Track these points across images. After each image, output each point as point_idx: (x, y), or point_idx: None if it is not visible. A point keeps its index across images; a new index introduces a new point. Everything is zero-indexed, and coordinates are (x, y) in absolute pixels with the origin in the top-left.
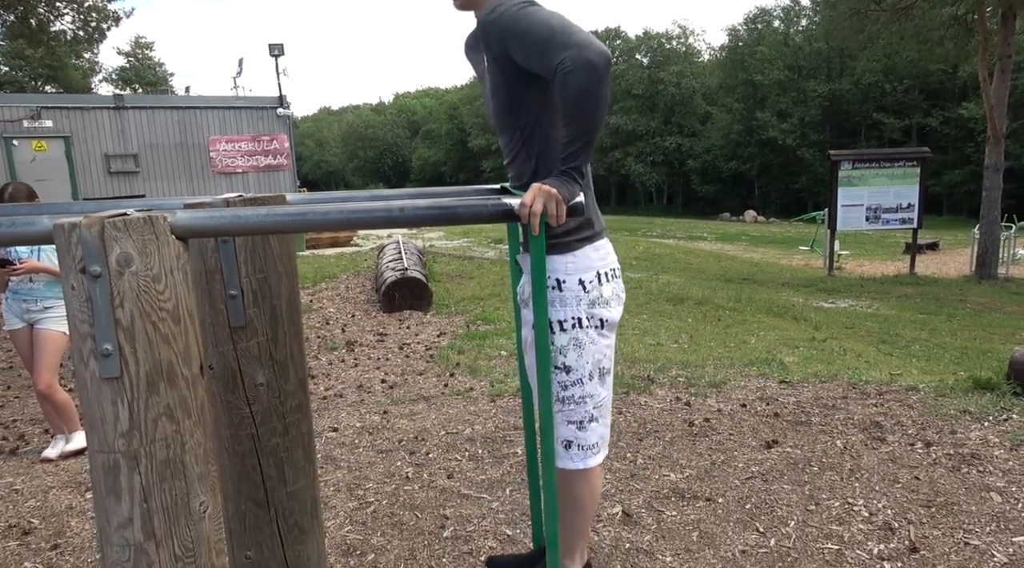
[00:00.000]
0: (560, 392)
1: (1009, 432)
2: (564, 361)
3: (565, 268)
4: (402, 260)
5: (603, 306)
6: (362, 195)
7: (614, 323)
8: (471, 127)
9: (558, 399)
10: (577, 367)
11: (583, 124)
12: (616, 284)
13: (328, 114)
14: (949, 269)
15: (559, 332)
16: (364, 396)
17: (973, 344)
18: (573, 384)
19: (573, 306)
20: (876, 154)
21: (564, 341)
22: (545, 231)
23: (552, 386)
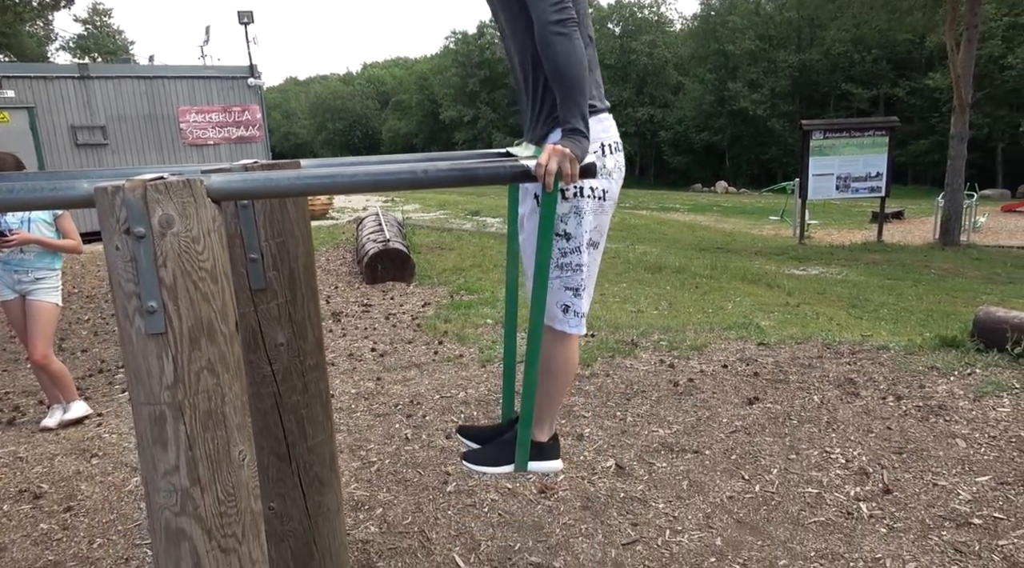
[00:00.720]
0: (559, 258)
1: (973, 385)
2: (565, 228)
3: None
4: (383, 231)
5: (605, 177)
6: (372, 160)
7: (614, 195)
8: (442, 98)
9: (557, 266)
10: (576, 235)
11: (562, 83)
12: (618, 157)
13: (295, 84)
14: (914, 237)
15: (560, 200)
16: (356, 364)
17: (938, 307)
18: (572, 251)
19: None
20: (846, 124)
21: (565, 209)
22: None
23: (552, 252)
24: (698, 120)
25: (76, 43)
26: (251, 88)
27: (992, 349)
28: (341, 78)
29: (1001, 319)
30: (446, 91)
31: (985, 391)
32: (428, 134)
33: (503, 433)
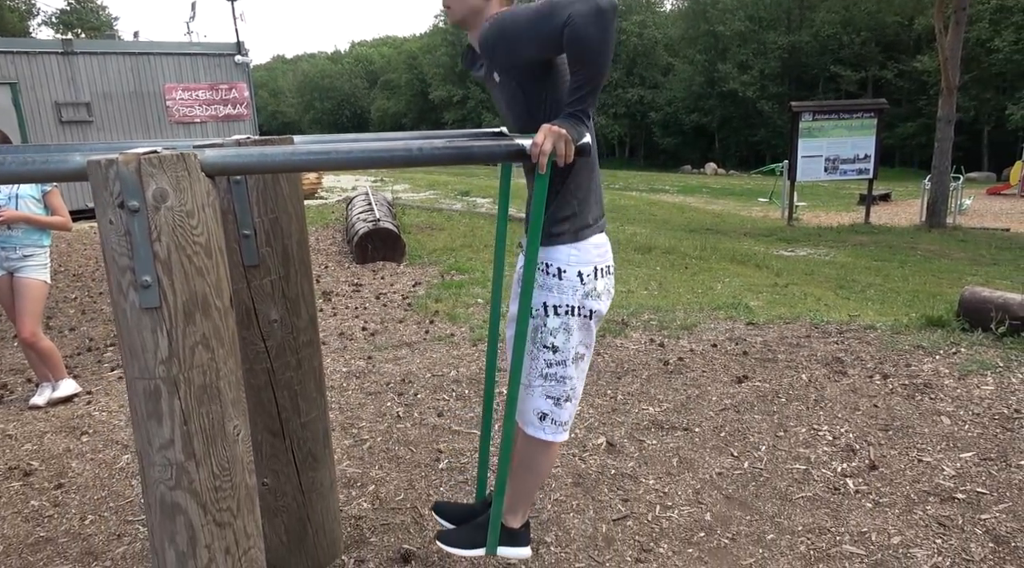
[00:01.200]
0: (545, 369)
1: (958, 364)
2: (553, 342)
3: (567, 259)
4: (373, 211)
5: (595, 299)
6: (366, 137)
7: (601, 315)
8: (432, 78)
9: (541, 375)
10: (564, 350)
11: (593, 68)
12: (608, 280)
13: (282, 63)
14: (901, 219)
15: (552, 315)
16: (347, 343)
17: (924, 288)
18: (558, 363)
19: (569, 295)
20: (835, 106)
21: (555, 324)
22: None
23: (538, 362)
24: (688, 101)
25: (59, 18)
26: (238, 66)
27: (977, 328)
28: (329, 56)
29: (986, 299)
30: (435, 70)
31: (970, 370)
32: (417, 114)
33: (477, 515)
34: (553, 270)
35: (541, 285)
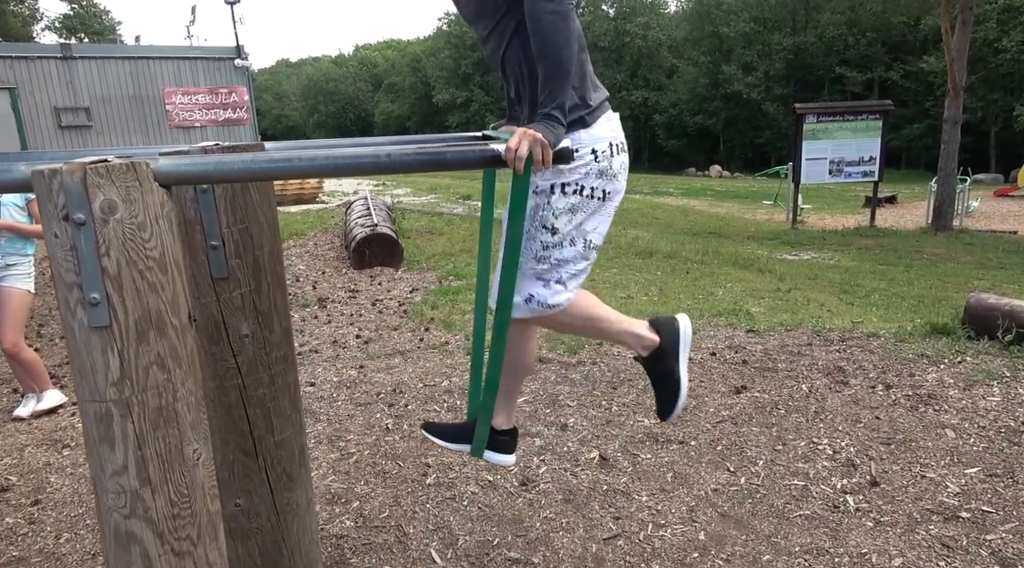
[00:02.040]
0: (540, 251)
1: (963, 373)
2: (553, 222)
3: (579, 139)
4: (371, 216)
5: (611, 178)
6: (345, 142)
7: (620, 196)
8: (435, 81)
9: (535, 258)
10: (563, 230)
11: (554, 62)
12: (624, 158)
13: (287, 66)
14: (907, 222)
15: (559, 195)
16: (339, 351)
17: (929, 293)
18: (555, 246)
19: (581, 173)
20: (840, 107)
21: (561, 205)
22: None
23: (534, 243)
24: (692, 103)
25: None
26: (238, 69)
27: (983, 336)
28: (333, 60)
29: (992, 306)
30: (439, 73)
31: (975, 380)
32: (421, 117)
33: (469, 431)
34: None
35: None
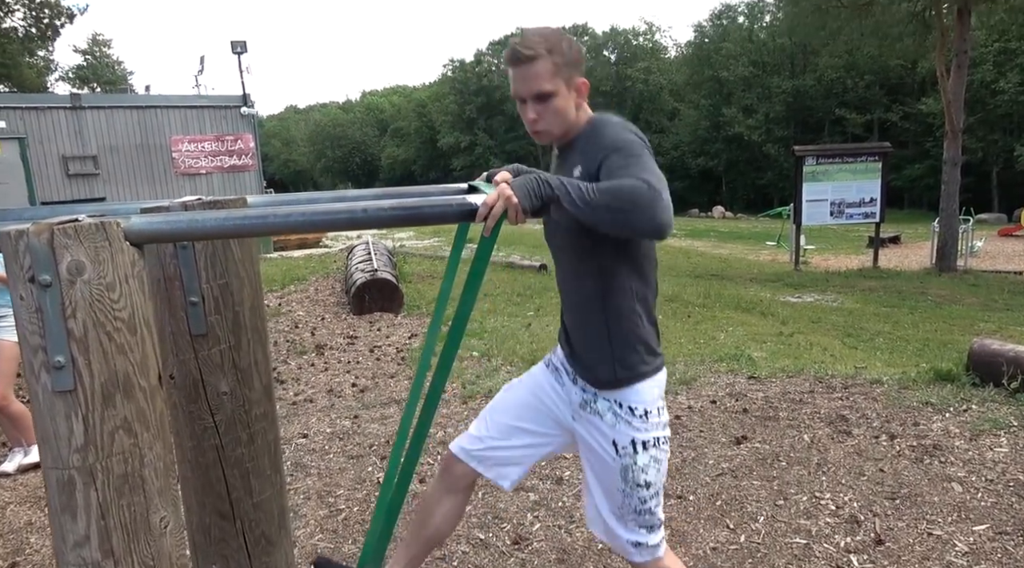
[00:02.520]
0: (640, 505)
1: (969, 422)
2: (645, 478)
3: (654, 399)
4: (372, 261)
5: (665, 426)
6: (326, 196)
7: None
8: (440, 125)
9: (635, 511)
10: (655, 482)
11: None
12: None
13: (295, 113)
14: (911, 262)
15: (641, 452)
16: (334, 401)
17: (934, 336)
18: (652, 497)
19: (655, 429)
20: (839, 149)
21: (645, 460)
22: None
23: (632, 500)
24: (694, 145)
25: (75, 73)
26: (244, 117)
27: (988, 383)
28: (341, 106)
29: (996, 352)
30: (444, 118)
31: (982, 429)
32: (426, 160)
33: None
34: (640, 411)
35: (628, 423)
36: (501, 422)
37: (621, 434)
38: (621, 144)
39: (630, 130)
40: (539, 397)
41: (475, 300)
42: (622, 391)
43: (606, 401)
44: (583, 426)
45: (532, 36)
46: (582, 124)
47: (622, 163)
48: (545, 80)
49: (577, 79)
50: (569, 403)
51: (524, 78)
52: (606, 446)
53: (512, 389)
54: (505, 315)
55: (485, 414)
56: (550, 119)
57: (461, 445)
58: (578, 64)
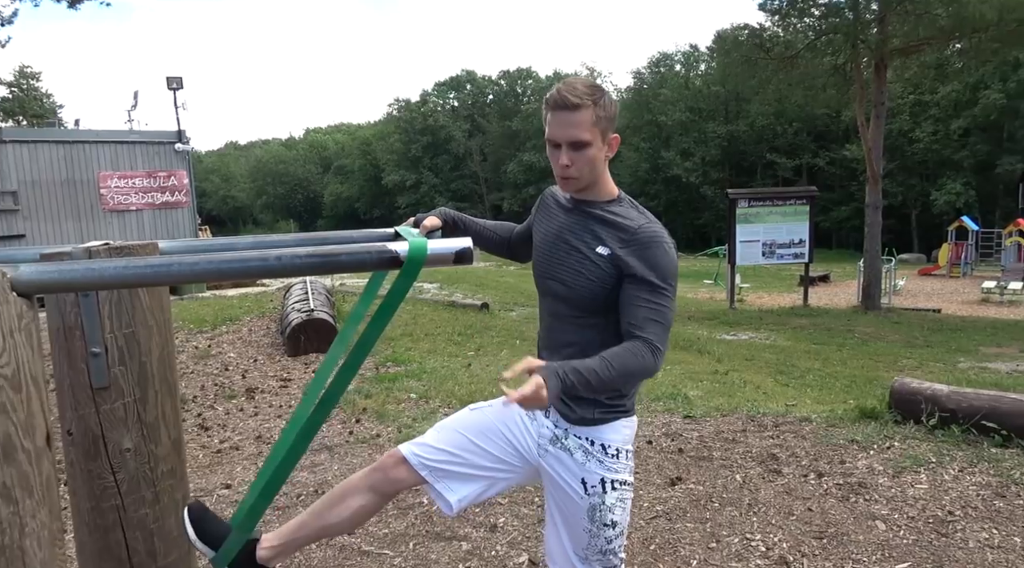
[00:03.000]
0: (605, 545)
1: (892, 460)
2: (612, 517)
3: (626, 438)
4: (309, 300)
5: (632, 470)
6: (243, 242)
7: None
8: (385, 163)
9: (600, 551)
10: (621, 521)
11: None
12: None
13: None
14: (839, 300)
15: (610, 491)
16: (263, 448)
17: (861, 372)
18: (617, 537)
19: (624, 471)
20: (769, 193)
21: (613, 500)
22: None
23: (598, 540)
24: (635, 186)
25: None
26: (179, 153)
27: (909, 421)
28: (283, 142)
29: (915, 390)
30: (389, 156)
31: (903, 466)
32: (371, 198)
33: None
34: (612, 450)
35: (600, 461)
36: (464, 438)
37: (590, 473)
38: (662, 273)
39: (673, 254)
40: (508, 426)
41: (381, 331)
42: (597, 428)
43: (577, 438)
44: (551, 463)
45: (579, 85)
46: (608, 186)
47: (648, 301)
48: (585, 129)
49: (611, 134)
50: (538, 438)
51: (565, 124)
52: (574, 484)
53: (480, 411)
54: (445, 355)
55: (446, 426)
56: (582, 167)
57: (415, 451)
58: (614, 119)
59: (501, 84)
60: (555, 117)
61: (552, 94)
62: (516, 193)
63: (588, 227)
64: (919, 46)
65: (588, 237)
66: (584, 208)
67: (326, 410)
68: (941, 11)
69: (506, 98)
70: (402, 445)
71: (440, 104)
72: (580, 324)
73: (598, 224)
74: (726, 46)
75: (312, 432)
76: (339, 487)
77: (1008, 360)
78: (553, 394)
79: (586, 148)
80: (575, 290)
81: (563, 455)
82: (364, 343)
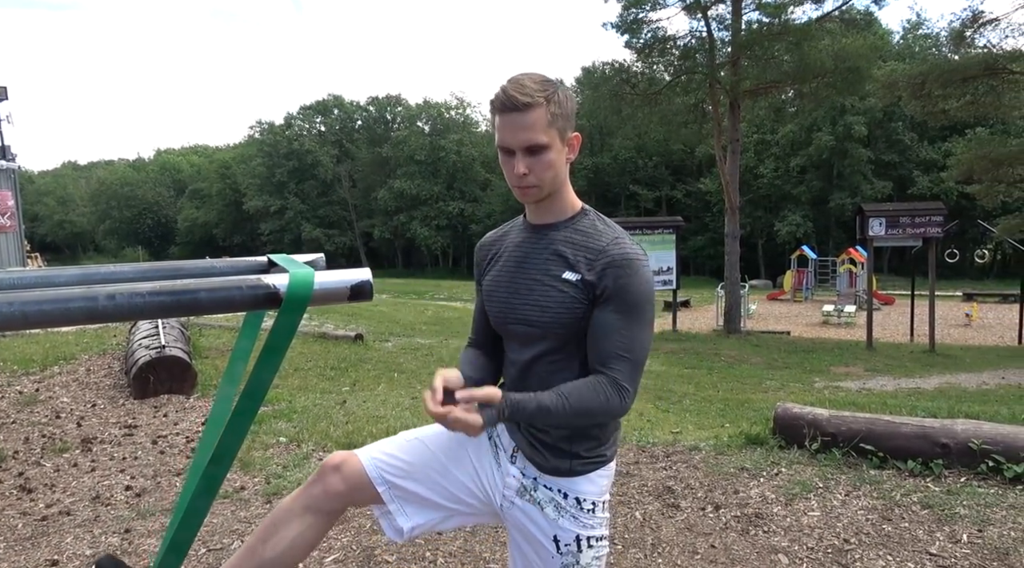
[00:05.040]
0: None
1: (782, 486)
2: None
3: (602, 491)
4: (159, 336)
5: (609, 522)
6: (67, 274)
7: None
8: (247, 188)
9: None
10: None
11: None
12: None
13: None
14: (702, 324)
15: (586, 550)
16: (100, 510)
17: (732, 395)
18: None
19: (600, 526)
20: (639, 222)
21: (588, 559)
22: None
23: None
24: (506, 214)
25: None
26: (2, 171)
27: (793, 445)
28: (131, 163)
29: (797, 415)
30: (251, 181)
31: (794, 493)
32: (230, 224)
33: None
34: (588, 505)
35: (574, 517)
36: (431, 454)
37: (564, 530)
38: (634, 298)
39: (649, 276)
40: (479, 457)
41: (274, 374)
42: (572, 480)
43: (548, 490)
44: (516, 515)
45: (528, 82)
46: (570, 199)
47: (617, 332)
48: (540, 131)
49: (570, 133)
50: (503, 488)
51: (516, 128)
52: (545, 542)
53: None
54: (318, 392)
55: (409, 435)
56: (541, 174)
57: (375, 457)
58: (572, 116)
59: (370, 110)
60: (503, 120)
61: (498, 94)
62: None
63: (551, 251)
64: (767, 88)
65: (552, 264)
66: (543, 231)
67: (224, 464)
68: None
69: (375, 124)
70: (355, 450)
71: (306, 128)
72: (556, 366)
73: (562, 245)
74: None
75: (213, 488)
76: (271, 514)
77: (855, 379)
78: (488, 421)
79: (544, 152)
80: (543, 327)
81: (532, 509)
82: (253, 392)
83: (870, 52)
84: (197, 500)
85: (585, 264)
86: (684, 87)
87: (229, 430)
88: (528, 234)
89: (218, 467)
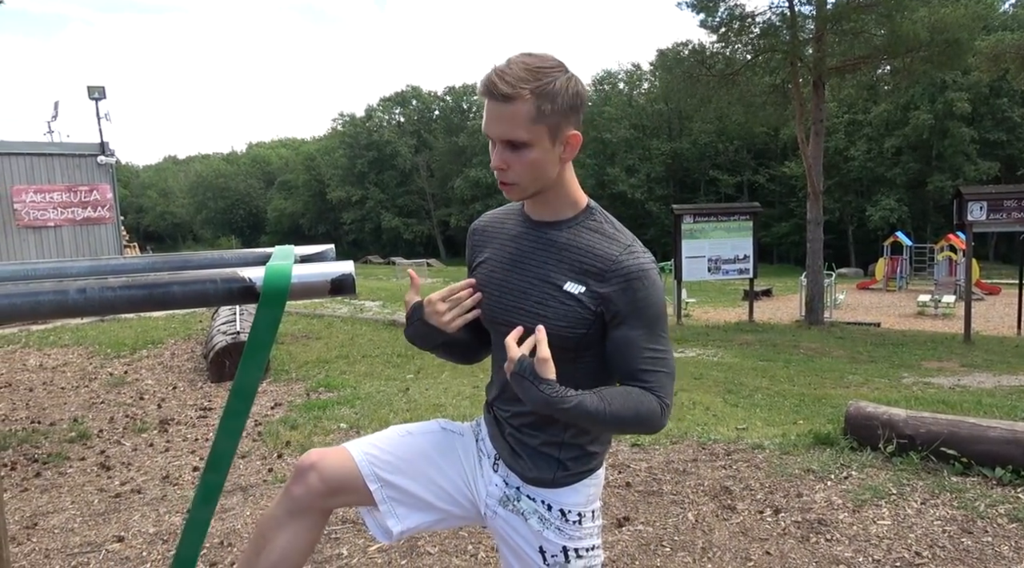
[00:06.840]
0: None
1: (850, 491)
2: None
3: (589, 501)
4: (236, 322)
5: (599, 532)
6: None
7: None
8: (330, 179)
9: None
10: None
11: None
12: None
13: (173, 163)
14: (783, 315)
15: (574, 560)
16: (168, 490)
17: (809, 390)
18: None
19: (590, 536)
20: (714, 209)
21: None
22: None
23: None
24: None
25: None
26: (101, 166)
27: (865, 447)
28: (224, 157)
29: (871, 415)
30: (333, 172)
31: (863, 499)
32: (315, 214)
33: None
34: (573, 517)
35: (559, 529)
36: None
37: (549, 542)
38: (655, 312)
39: (661, 284)
40: (468, 458)
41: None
42: (556, 491)
43: (532, 501)
44: (500, 525)
45: (518, 69)
46: (572, 195)
47: (646, 349)
48: (521, 127)
49: (567, 131)
50: (485, 497)
51: (494, 118)
52: (530, 553)
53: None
54: (382, 379)
55: (401, 429)
56: (520, 172)
57: (367, 452)
58: (571, 112)
59: (447, 100)
60: (487, 106)
61: (483, 77)
62: (464, 209)
63: (551, 255)
64: (855, 65)
65: (551, 270)
66: (543, 229)
67: (221, 471)
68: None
69: (452, 114)
70: (345, 444)
71: (386, 119)
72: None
73: (565, 250)
74: (668, 63)
75: (212, 497)
76: (257, 524)
77: (949, 375)
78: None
79: (524, 150)
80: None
81: (515, 520)
82: (242, 392)
83: (972, 22)
84: (197, 511)
85: (594, 275)
86: (764, 67)
87: (222, 433)
88: (526, 229)
89: (216, 474)
